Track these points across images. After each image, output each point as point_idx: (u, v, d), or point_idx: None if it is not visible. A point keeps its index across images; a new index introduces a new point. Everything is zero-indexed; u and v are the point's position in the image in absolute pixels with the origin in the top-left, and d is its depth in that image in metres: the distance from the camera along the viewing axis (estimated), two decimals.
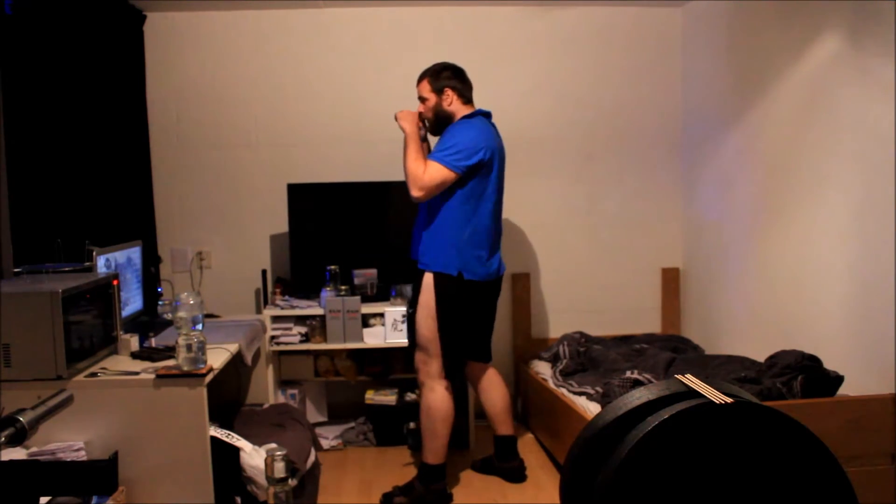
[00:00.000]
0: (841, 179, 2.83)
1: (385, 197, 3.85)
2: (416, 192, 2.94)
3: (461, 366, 3.29)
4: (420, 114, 3.12)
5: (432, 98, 3.08)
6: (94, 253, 2.80)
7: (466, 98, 3.11)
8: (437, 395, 3.06)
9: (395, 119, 3.11)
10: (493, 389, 3.31)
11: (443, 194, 2.98)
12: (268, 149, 4.00)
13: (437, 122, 3.10)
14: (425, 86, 3.09)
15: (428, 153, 3.07)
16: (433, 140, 3.18)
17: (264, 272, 3.85)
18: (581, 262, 4.18)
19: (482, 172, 2.97)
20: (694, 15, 3.98)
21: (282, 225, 3.91)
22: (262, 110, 3.98)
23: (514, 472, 3.32)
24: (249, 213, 4.01)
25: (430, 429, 3.07)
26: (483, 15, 4.00)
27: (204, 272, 4.02)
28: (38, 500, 1.33)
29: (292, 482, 2.58)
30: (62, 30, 3.12)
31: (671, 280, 4.20)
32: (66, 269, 2.70)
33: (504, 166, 3.15)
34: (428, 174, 2.91)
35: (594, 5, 4.02)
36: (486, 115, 3.14)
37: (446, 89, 3.06)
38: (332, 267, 3.67)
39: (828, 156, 2.90)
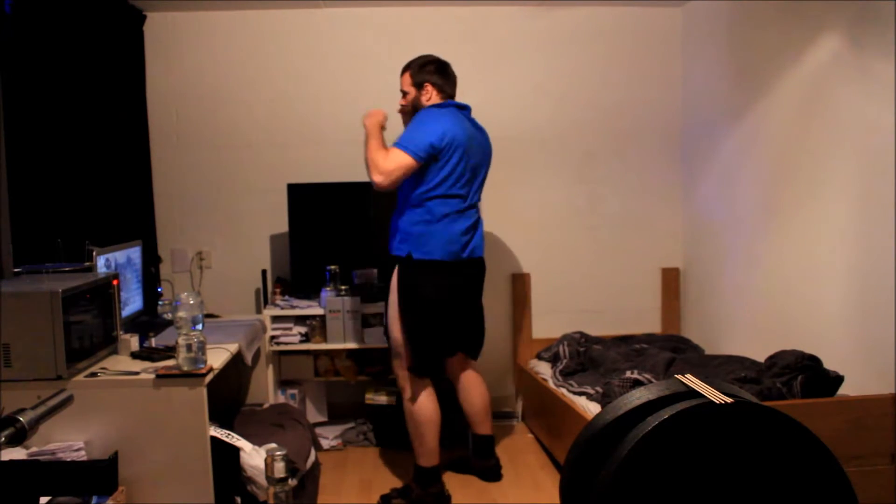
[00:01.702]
0: (841, 179, 2.83)
1: (385, 196, 3.83)
2: (376, 178, 2.88)
3: (440, 364, 3.17)
4: (402, 106, 3.10)
5: (412, 92, 3.06)
6: (94, 253, 2.80)
7: (446, 94, 3.07)
8: (417, 400, 3.02)
9: None
10: (473, 389, 3.29)
11: (408, 184, 2.94)
12: (268, 149, 4.00)
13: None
14: (407, 79, 3.07)
15: None
16: None
17: (264, 272, 3.85)
18: (581, 262, 4.18)
19: (443, 158, 2.90)
20: (694, 15, 3.98)
21: (282, 225, 3.91)
22: (261, 110, 3.98)
23: (491, 471, 3.31)
24: (249, 213, 4.01)
25: (415, 433, 3.05)
26: (483, 15, 4.00)
27: (204, 272, 4.02)
28: (38, 500, 1.33)
29: (292, 482, 2.58)
30: (62, 29, 3.12)
31: (671, 280, 4.20)
32: (66, 269, 2.69)
33: (476, 157, 3.03)
34: (389, 159, 2.87)
35: (594, 5, 4.02)
36: (461, 107, 3.08)
37: (426, 84, 3.03)
38: (332, 267, 3.67)
39: (828, 156, 2.90)
